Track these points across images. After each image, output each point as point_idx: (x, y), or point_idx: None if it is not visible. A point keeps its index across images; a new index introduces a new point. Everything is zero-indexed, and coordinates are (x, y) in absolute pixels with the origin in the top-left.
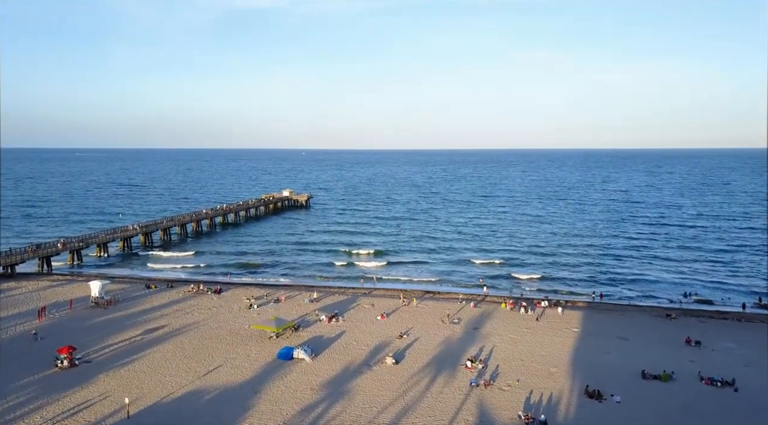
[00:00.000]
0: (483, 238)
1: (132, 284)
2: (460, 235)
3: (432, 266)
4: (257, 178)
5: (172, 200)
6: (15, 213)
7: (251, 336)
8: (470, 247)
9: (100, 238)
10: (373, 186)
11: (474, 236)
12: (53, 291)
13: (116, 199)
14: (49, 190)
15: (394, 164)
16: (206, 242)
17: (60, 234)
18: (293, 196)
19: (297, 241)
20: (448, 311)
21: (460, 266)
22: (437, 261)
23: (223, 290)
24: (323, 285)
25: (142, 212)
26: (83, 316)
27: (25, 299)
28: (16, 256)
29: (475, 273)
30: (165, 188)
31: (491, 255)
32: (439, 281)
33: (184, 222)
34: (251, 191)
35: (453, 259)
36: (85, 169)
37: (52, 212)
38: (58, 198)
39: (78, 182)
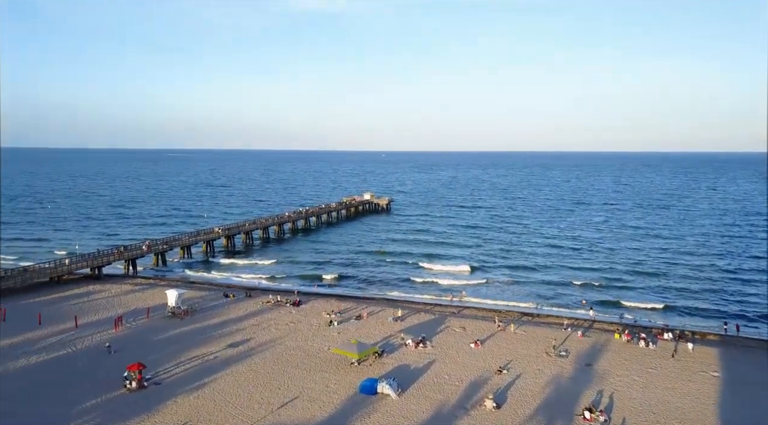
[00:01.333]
0: (580, 252)
1: (211, 291)
2: (554, 248)
3: (526, 283)
4: (338, 180)
5: (254, 202)
6: (108, 213)
7: (330, 360)
8: (567, 263)
9: (184, 240)
10: (452, 190)
11: (570, 250)
12: (134, 297)
13: (201, 200)
14: (141, 190)
15: (470, 167)
16: (287, 247)
17: (147, 235)
18: (374, 199)
19: (378, 249)
20: (552, 341)
21: (558, 285)
22: (532, 278)
23: (302, 302)
24: (407, 300)
25: (227, 213)
26: (159, 327)
27: (106, 305)
28: (103, 258)
29: (576, 294)
30: (249, 189)
31: (592, 274)
32: (536, 301)
33: (266, 225)
34: (331, 193)
35: (549, 276)
36: (176, 169)
37: (142, 212)
38: (147, 198)
39: (168, 181)
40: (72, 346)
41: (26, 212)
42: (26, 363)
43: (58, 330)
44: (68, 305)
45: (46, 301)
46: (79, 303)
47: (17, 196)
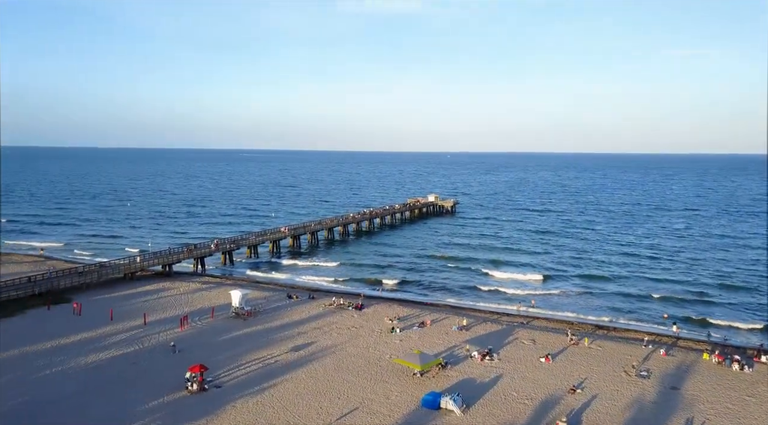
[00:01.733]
0: (659, 262)
1: (275, 292)
2: (630, 257)
3: (600, 294)
4: (402, 181)
5: (320, 202)
6: (181, 212)
7: (392, 370)
8: (645, 273)
9: (251, 240)
10: (520, 192)
11: (648, 260)
12: (200, 296)
13: (270, 200)
14: (213, 189)
15: (538, 169)
16: (351, 249)
17: (217, 233)
18: (438, 201)
19: (442, 254)
20: (632, 359)
21: (636, 298)
22: (606, 289)
23: (364, 306)
24: (473, 307)
25: (293, 213)
26: (223, 327)
27: (173, 303)
28: (173, 256)
29: (656, 308)
30: (316, 189)
31: (674, 286)
32: (612, 314)
33: (330, 226)
34: (395, 195)
35: (625, 287)
36: (248, 169)
37: (213, 211)
38: (218, 197)
39: (239, 181)
40: (139, 343)
41: (106, 210)
42: (96, 358)
43: (128, 326)
44: (139, 302)
45: (118, 297)
46: (149, 300)
47: (99, 194)
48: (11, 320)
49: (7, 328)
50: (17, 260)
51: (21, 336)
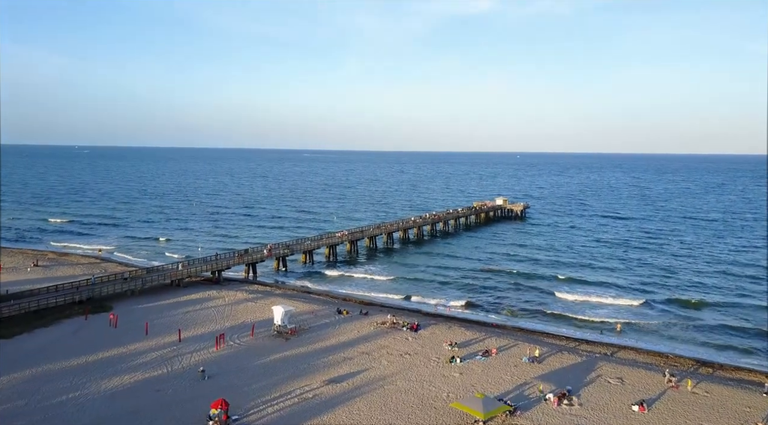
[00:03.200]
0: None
1: (325, 304)
2: (729, 277)
3: (699, 322)
4: (466, 183)
5: (380, 205)
6: (237, 213)
7: (449, 414)
8: (752, 298)
9: (306, 245)
10: (594, 196)
11: (752, 280)
12: (245, 308)
13: (330, 201)
14: (273, 189)
15: (613, 170)
16: (410, 255)
17: (271, 237)
18: (507, 205)
19: (512, 266)
20: (753, 412)
21: (744, 329)
22: (706, 317)
23: (420, 326)
24: (545, 332)
25: (350, 219)
26: (261, 348)
27: (215, 316)
28: (223, 262)
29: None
30: (377, 191)
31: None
32: (716, 348)
33: (390, 231)
34: (460, 197)
35: (728, 315)
36: (313, 169)
37: (270, 212)
38: (277, 198)
39: (302, 182)
40: (169, 365)
41: (169, 209)
42: (119, 382)
43: (162, 342)
44: (179, 314)
45: (160, 307)
46: (190, 312)
47: (166, 193)
48: (44, 331)
49: (36, 340)
50: (73, 261)
51: (47, 351)
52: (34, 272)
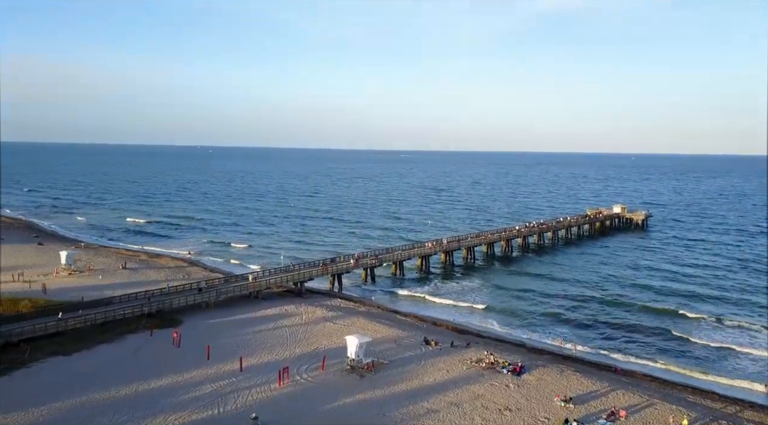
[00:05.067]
0: None
1: (411, 330)
2: None
3: None
4: (575, 187)
5: (480, 211)
6: (328, 215)
7: None
8: None
9: (396, 255)
10: (722, 204)
11: None
12: (322, 330)
13: (424, 206)
14: (364, 191)
15: (749, 175)
16: (514, 271)
17: (359, 244)
18: (626, 214)
19: (635, 294)
20: None
21: None
22: None
23: (525, 368)
24: (690, 385)
25: (445, 227)
26: (330, 387)
27: (286, 339)
28: (305, 272)
29: None
30: (476, 194)
31: None
32: None
33: (491, 241)
34: (568, 203)
35: None
36: (408, 170)
37: (358, 218)
38: (366, 201)
39: (398, 183)
40: (222, 404)
41: (264, 211)
42: (163, 423)
43: (221, 371)
44: (249, 334)
45: (231, 323)
46: (261, 332)
47: (266, 193)
48: (105, 348)
49: (93, 359)
50: (162, 264)
51: (99, 375)
52: (119, 275)
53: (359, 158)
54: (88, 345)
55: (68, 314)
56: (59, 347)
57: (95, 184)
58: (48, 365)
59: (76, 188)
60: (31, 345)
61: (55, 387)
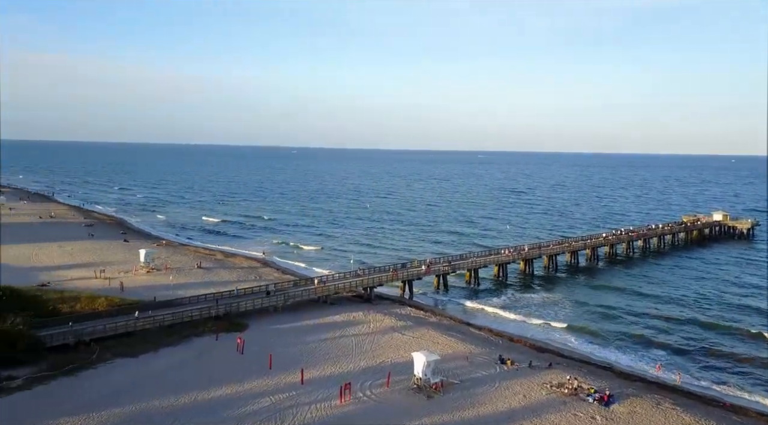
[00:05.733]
0: None
1: (485, 345)
2: None
3: None
4: (668, 192)
5: (562, 216)
6: (398, 219)
7: None
8: None
9: (470, 262)
10: None
11: None
12: (389, 340)
13: (501, 209)
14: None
15: None
16: (599, 283)
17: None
18: (728, 222)
19: (741, 316)
20: None
21: None
22: None
23: (614, 397)
24: None
25: (520, 235)
26: (394, 407)
27: (352, 349)
28: (375, 277)
29: None
30: (560, 198)
31: None
32: None
33: (575, 249)
34: (659, 209)
35: None
36: (486, 171)
37: (428, 219)
38: (443, 203)
39: (475, 186)
40: (279, 420)
41: (338, 212)
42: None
43: (281, 383)
44: (314, 342)
45: (297, 329)
46: (327, 340)
47: (342, 194)
48: (169, 351)
49: (155, 363)
50: (236, 264)
51: (159, 380)
52: (193, 274)
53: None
54: (154, 347)
55: (139, 315)
56: (127, 348)
57: (179, 183)
58: (114, 366)
59: (163, 187)
60: (101, 345)
61: (117, 390)
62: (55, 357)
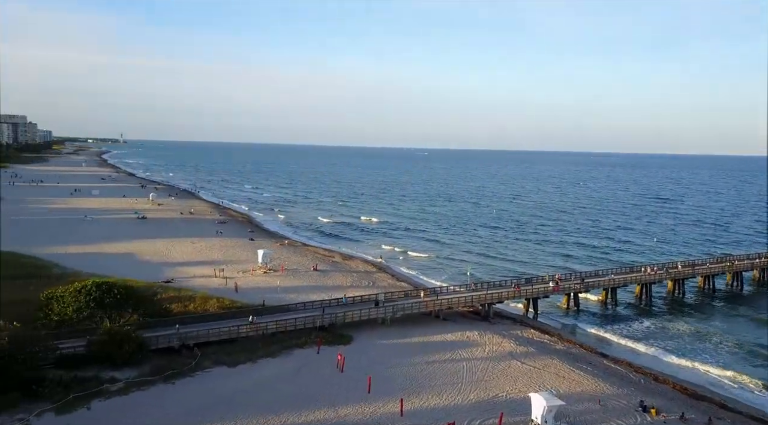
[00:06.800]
0: None
1: (622, 386)
2: None
3: None
4: None
5: (719, 227)
6: (523, 228)
7: None
8: None
9: (607, 281)
10: None
11: None
12: (506, 369)
13: (649, 218)
14: (584, 197)
15: None
16: None
17: (558, 263)
18: None
19: None
20: None
21: None
22: None
23: None
24: None
25: (664, 250)
26: None
27: (461, 377)
28: (494, 293)
29: None
30: (714, 206)
31: None
32: None
33: (739, 269)
34: None
35: None
36: (626, 174)
37: (567, 228)
38: (576, 209)
39: (615, 190)
40: None
41: (461, 214)
42: None
43: (379, 412)
44: (420, 364)
45: (404, 347)
46: (434, 363)
47: (464, 197)
48: (268, 363)
49: (250, 376)
50: (352, 267)
51: (251, 396)
52: (308, 277)
53: (570, 160)
54: (253, 357)
55: (243, 320)
56: (227, 356)
57: (307, 183)
58: (211, 376)
59: (291, 187)
60: (203, 351)
61: (208, 404)
62: (159, 359)
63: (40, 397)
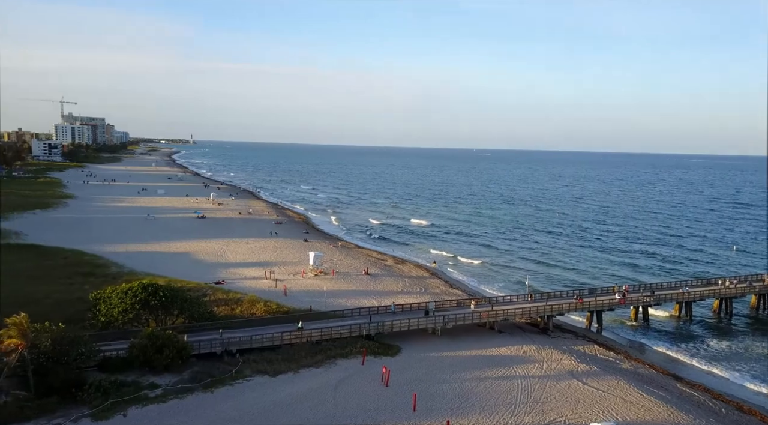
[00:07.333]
0: None
1: (699, 414)
2: None
3: None
4: None
5: None
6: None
7: None
8: None
9: (681, 293)
10: None
11: None
12: (564, 389)
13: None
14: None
15: None
16: None
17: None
18: None
19: None
20: None
21: None
22: None
23: None
24: None
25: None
26: None
27: (515, 396)
28: (554, 305)
29: None
30: None
31: None
32: None
33: None
34: None
35: None
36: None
37: (625, 233)
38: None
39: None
40: None
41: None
42: None
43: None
44: (471, 380)
45: (454, 360)
46: (487, 379)
47: (523, 200)
48: (309, 374)
49: (288, 389)
50: (404, 272)
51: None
52: (359, 281)
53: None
54: (295, 367)
55: (288, 326)
56: (268, 364)
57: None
58: (250, 385)
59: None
60: (245, 357)
61: (243, 418)
62: (200, 365)
63: (79, 401)
